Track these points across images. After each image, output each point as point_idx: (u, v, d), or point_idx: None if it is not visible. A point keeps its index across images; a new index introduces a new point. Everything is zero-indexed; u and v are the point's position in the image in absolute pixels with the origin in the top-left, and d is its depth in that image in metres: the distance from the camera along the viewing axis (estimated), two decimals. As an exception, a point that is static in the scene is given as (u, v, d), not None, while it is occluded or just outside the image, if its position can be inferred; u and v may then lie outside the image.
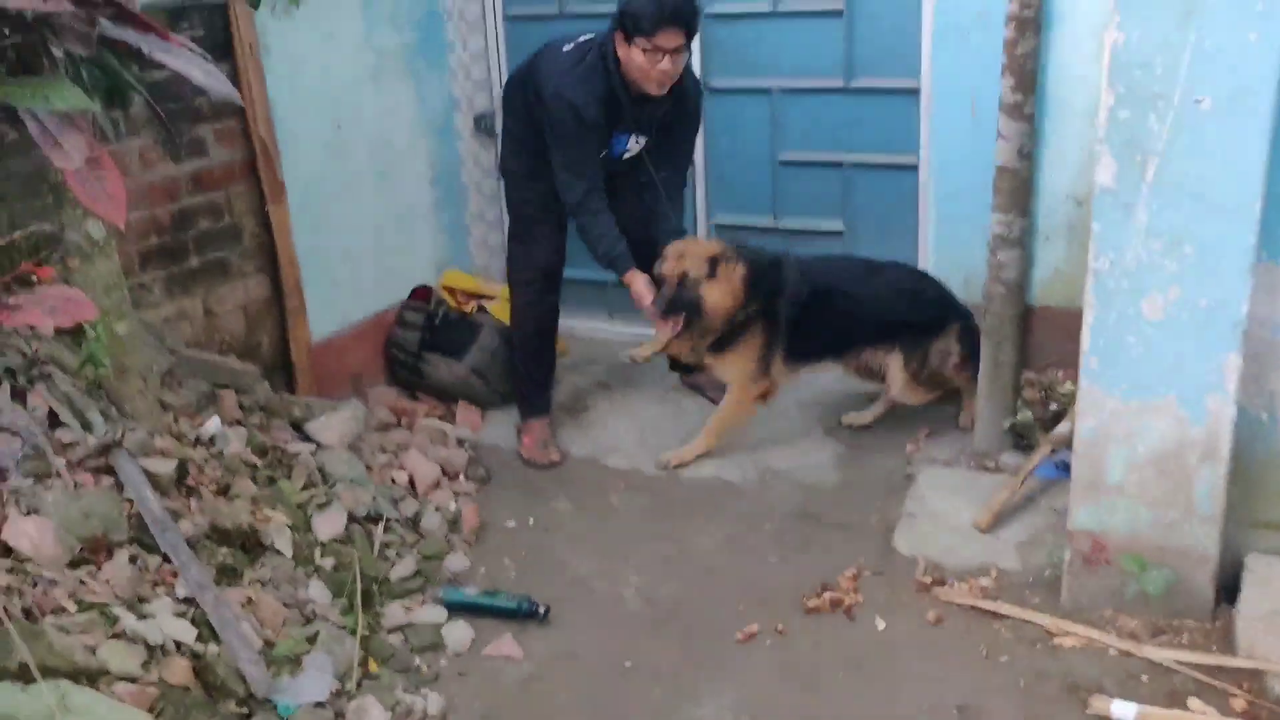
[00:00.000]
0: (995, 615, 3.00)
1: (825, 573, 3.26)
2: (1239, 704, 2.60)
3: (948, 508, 3.46)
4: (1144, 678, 2.73)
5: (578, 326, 4.91)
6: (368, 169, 4.42)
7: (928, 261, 4.18)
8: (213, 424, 3.40)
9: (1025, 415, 3.69)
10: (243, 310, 3.96)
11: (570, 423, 4.30)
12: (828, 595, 3.16)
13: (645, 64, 3.52)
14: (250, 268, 3.97)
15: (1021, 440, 3.72)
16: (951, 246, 4.06)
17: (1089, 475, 2.83)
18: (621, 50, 3.57)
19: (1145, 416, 2.71)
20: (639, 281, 3.76)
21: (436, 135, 4.79)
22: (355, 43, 4.29)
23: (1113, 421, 2.75)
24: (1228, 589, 2.84)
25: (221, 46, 3.71)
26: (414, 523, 3.58)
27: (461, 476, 3.92)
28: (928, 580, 3.18)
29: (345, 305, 4.35)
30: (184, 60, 1.69)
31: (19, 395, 2.82)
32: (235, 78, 3.73)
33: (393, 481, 3.72)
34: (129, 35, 1.64)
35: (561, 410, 4.33)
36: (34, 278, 1.68)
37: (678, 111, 3.85)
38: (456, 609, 3.19)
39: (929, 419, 4.08)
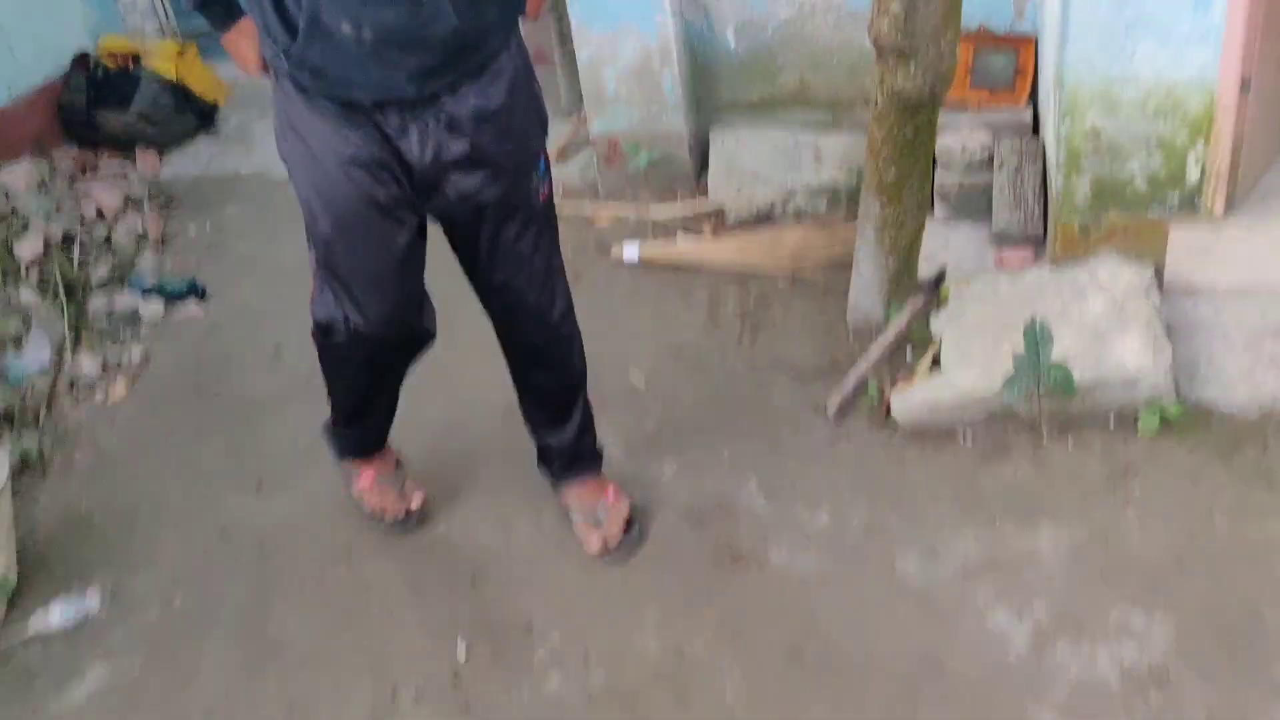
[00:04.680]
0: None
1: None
2: (708, 231, 3.71)
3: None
4: (650, 232, 3.80)
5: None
6: (-4, -49, 4.83)
7: None
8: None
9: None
10: (-90, 98, 4.45)
11: (240, 145, 5.00)
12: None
13: None
14: (-94, 58, 4.44)
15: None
16: None
17: (594, 92, 3.80)
18: None
19: (619, 40, 3.66)
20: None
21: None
22: None
23: (599, 49, 3.69)
24: (707, 160, 3.89)
25: None
26: (107, 241, 4.31)
27: (145, 204, 4.62)
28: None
29: (7, 79, 4.84)
30: None
31: None
32: None
33: (83, 214, 4.40)
34: None
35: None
36: None
37: None
38: (145, 294, 3.99)
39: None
